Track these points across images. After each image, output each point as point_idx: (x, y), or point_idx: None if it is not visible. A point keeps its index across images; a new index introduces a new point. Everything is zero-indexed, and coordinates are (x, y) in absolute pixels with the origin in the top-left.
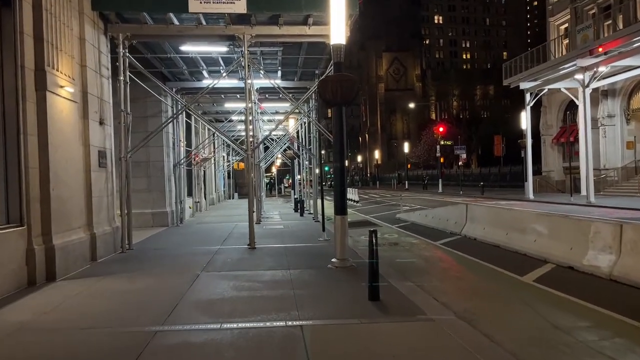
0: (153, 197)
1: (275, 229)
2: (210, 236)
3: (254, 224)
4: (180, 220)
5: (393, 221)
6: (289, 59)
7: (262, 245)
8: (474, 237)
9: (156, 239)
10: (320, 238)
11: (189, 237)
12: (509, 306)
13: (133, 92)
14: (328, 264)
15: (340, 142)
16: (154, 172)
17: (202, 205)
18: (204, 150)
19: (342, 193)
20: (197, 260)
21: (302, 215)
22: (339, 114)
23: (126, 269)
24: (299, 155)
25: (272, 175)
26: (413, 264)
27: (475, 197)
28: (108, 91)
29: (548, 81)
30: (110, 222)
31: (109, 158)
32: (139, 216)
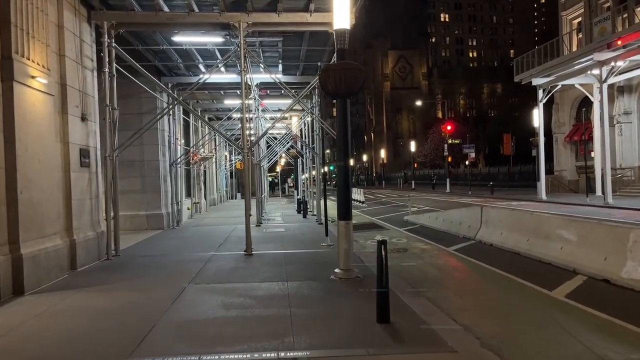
0: (147, 198)
1: (276, 233)
2: (205, 240)
3: (253, 227)
4: (177, 222)
5: (401, 224)
6: (290, 52)
7: (260, 251)
8: (490, 242)
9: (147, 244)
10: (323, 243)
11: (183, 241)
12: (542, 331)
13: (126, 88)
14: (331, 275)
15: (344, 138)
16: (149, 171)
17: (202, 206)
18: (204, 149)
19: (346, 195)
20: (187, 269)
21: (304, 217)
22: (343, 106)
23: (106, 280)
24: (303, 155)
25: (276, 175)
26: (426, 275)
27: (485, 198)
28: (93, 84)
29: (562, 77)
30: (95, 226)
31: (93, 157)
32: (132, 218)
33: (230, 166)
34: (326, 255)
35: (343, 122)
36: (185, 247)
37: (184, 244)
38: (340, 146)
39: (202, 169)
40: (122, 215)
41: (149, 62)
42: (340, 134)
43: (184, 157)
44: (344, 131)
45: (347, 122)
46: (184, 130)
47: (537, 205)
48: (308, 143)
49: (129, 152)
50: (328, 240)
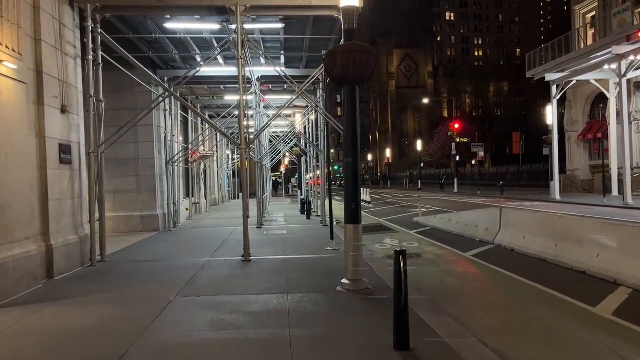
0: (143, 198)
1: (277, 235)
2: (201, 244)
3: (254, 228)
4: (174, 224)
5: (410, 225)
6: (292, 42)
7: (259, 257)
8: (512, 247)
9: (139, 247)
10: (328, 247)
11: (178, 245)
12: None
13: (119, 82)
14: (337, 286)
15: (353, 132)
16: (144, 170)
17: (202, 206)
18: (203, 147)
19: (354, 196)
20: (177, 277)
21: (308, 218)
22: (352, 95)
23: (85, 291)
24: (307, 153)
25: (280, 175)
26: (444, 285)
27: (495, 198)
28: (76, 74)
29: (577, 72)
30: (78, 229)
31: (76, 153)
32: (126, 220)
33: (232, 165)
34: (332, 261)
35: (351, 114)
36: (179, 251)
37: (178, 248)
38: (349, 141)
39: (202, 168)
40: (116, 217)
41: (143, 53)
42: (349, 127)
43: (182, 155)
44: (353, 124)
45: (356, 113)
46: (182, 127)
47: (551, 206)
48: (312, 141)
49: (124, 150)
50: (333, 244)
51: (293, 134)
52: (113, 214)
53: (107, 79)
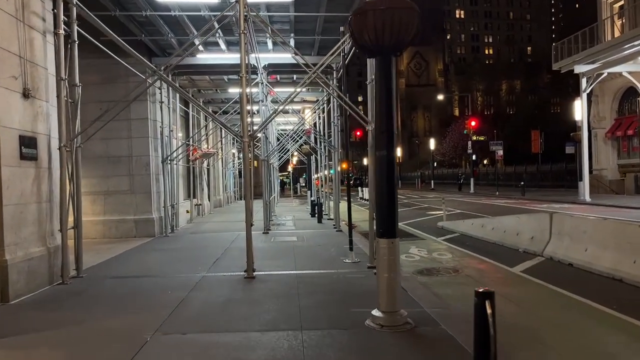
0: (137, 200)
1: (286, 243)
2: (199, 254)
3: (259, 234)
4: (172, 228)
5: (435, 231)
6: (303, 22)
7: (265, 271)
8: (568, 261)
9: (127, 258)
10: (346, 259)
11: (172, 255)
12: None
13: (111, 70)
14: (367, 319)
15: (387, 117)
16: (138, 169)
17: (205, 208)
18: (206, 144)
19: (390, 200)
20: (162, 302)
21: (320, 222)
22: (386, 69)
23: (42, 323)
24: (317, 151)
25: (287, 174)
26: (503, 316)
27: (516, 199)
28: (45, 52)
29: (609, 63)
30: (46, 240)
31: (44, 147)
32: (119, 224)
33: (238, 165)
34: (353, 279)
35: (386, 94)
36: (173, 263)
37: (171, 259)
38: (382, 128)
39: (204, 167)
40: (107, 221)
41: (134, 36)
42: (383, 111)
43: (182, 153)
44: (388, 107)
45: (391, 93)
46: (183, 122)
47: (583, 209)
48: (324, 135)
49: (116, 146)
50: (353, 256)
51: (302, 131)
52: (103, 217)
53: (97, 68)
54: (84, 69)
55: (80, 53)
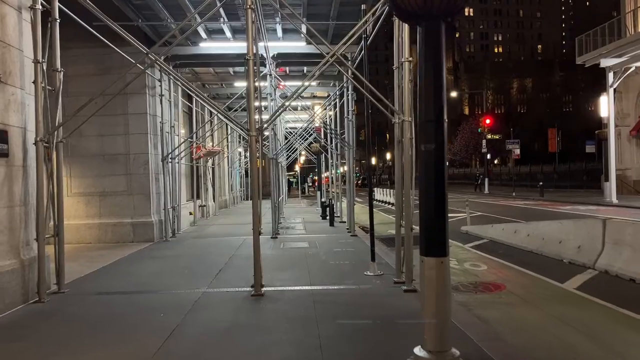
0: (134, 202)
1: (297, 250)
2: (201, 262)
3: (268, 239)
4: (173, 232)
5: (459, 236)
6: (317, 4)
7: (275, 287)
8: (630, 276)
9: (119, 267)
10: (367, 272)
11: (170, 264)
12: None
13: (106, 61)
14: (408, 358)
15: (437, 97)
16: (135, 168)
17: (210, 209)
18: (211, 141)
19: (439, 207)
20: (151, 329)
21: (332, 225)
22: (435, 37)
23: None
24: (327, 149)
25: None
26: (576, 353)
27: (535, 200)
28: (20, 31)
29: (637, 57)
30: (20, 251)
31: (18, 142)
32: (115, 228)
33: (245, 164)
34: (380, 297)
35: (435, 70)
36: (169, 274)
37: (168, 269)
38: (429, 114)
39: (209, 166)
40: (102, 224)
41: (131, 21)
42: (430, 91)
43: (185, 151)
44: (437, 86)
45: (441, 69)
46: (187, 119)
47: (613, 211)
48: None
49: (112, 143)
50: (375, 268)
51: (312, 129)
52: (99, 220)
53: (90, 58)
54: (76, 59)
55: (73, 42)
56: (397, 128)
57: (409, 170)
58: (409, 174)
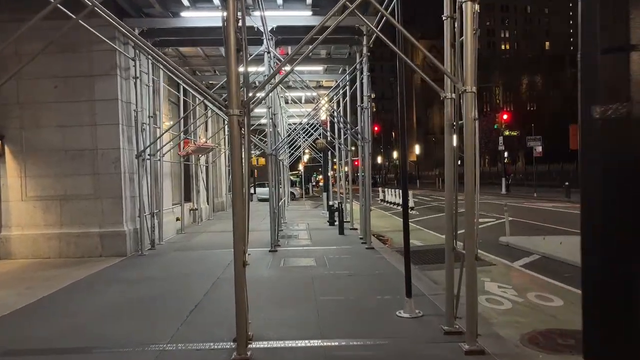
0: (103, 207)
1: (301, 270)
2: (174, 291)
3: (266, 253)
4: (152, 243)
5: (500, 250)
6: None
7: (268, 340)
8: None
9: (58, 301)
10: (401, 312)
11: (133, 293)
12: None
13: (69, 36)
14: None
15: None
16: (104, 166)
17: (203, 213)
18: (204, 137)
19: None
20: None
21: (342, 234)
22: None
23: None
24: (334, 145)
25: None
26: None
27: (563, 202)
28: None
29: None
30: None
31: None
32: (78, 240)
33: None
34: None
35: None
36: (125, 313)
37: (127, 303)
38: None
39: (202, 165)
40: (64, 235)
41: None
42: None
43: (166, 144)
44: None
45: None
46: (174, 110)
47: None
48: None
49: (74, 136)
50: (412, 306)
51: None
52: (59, 230)
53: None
54: (32, 34)
55: (27, 13)
56: (449, 105)
57: (471, 164)
58: (471, 169)
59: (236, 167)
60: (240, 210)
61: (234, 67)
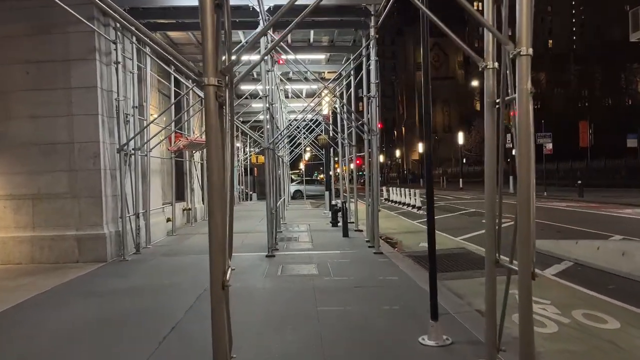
0: (80, 207)
1: (302, 280)
2: (151, 309)
3: (263, 258)
4: (138, 247)
5: None
6: None
7: None
8: None
9: (12, 319)
10: (425, 339)
11: (103, 310)
12: None
13: (42, 16)
14: None
15: None
16: (82, 161)
17: (198, 213)
18: (198, 131)
19: None
20: None
21: (346, 236)
22: None
23: None
24: (336, 141)
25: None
26: None
27: (576, 201)
28: None
29: None
30: None
31: None
32: (53, 243)
33: (244, 160)
34: None
35: None
36: (85, 338)
37: (93, 324)
38: None
39: (196, 162)
40: (36, 238)
41: None
42: None
43: (152, 138)
44: None
45: None
46: (164, 102)
47: None
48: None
49: (48, 128)
50: (438, 331)
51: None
52: (32, 233)
53: (22, 14)
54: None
55: None
56: (491, 77)
57: (527, 153)
58: (527, 161)
59: (213, 155)
60: (218, 212)
61: (210, 16)
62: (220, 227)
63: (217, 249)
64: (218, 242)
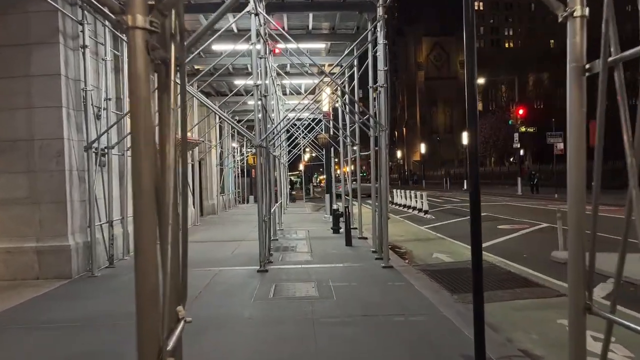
0: (41, 214)
1: (297, 304)
2: (110, 349)
3: (254, 273)
4: (111, 259)
5: (556, 270)
6: None
7: None
8: None
9: None
10: None
11: (47, 352)
12: None
13: None
14: None
15: None
16: (43, 161)
17: (190, 217)
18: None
19: None
20: None
21: (349, 244)
22: None
23: None
24: (338, 140)
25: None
26: None
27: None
28: None
29: None
30: None
31: None
32: (10, 257)
33: (240, 161)
34: None
35: None
36: None
37: None
38: None
39: (191, 163)
40: None
41: None
42: None
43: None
44: None
45: None
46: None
47: None
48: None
49: (5, 124)
50: None
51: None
52: None
53: None
54: None
55: None
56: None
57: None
58: None
59: (141, 149)
60: (148, 244)
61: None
62: (152, 269)
63: (147, 305)
64: (147, 294)
